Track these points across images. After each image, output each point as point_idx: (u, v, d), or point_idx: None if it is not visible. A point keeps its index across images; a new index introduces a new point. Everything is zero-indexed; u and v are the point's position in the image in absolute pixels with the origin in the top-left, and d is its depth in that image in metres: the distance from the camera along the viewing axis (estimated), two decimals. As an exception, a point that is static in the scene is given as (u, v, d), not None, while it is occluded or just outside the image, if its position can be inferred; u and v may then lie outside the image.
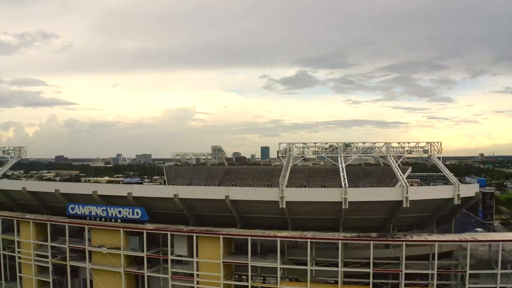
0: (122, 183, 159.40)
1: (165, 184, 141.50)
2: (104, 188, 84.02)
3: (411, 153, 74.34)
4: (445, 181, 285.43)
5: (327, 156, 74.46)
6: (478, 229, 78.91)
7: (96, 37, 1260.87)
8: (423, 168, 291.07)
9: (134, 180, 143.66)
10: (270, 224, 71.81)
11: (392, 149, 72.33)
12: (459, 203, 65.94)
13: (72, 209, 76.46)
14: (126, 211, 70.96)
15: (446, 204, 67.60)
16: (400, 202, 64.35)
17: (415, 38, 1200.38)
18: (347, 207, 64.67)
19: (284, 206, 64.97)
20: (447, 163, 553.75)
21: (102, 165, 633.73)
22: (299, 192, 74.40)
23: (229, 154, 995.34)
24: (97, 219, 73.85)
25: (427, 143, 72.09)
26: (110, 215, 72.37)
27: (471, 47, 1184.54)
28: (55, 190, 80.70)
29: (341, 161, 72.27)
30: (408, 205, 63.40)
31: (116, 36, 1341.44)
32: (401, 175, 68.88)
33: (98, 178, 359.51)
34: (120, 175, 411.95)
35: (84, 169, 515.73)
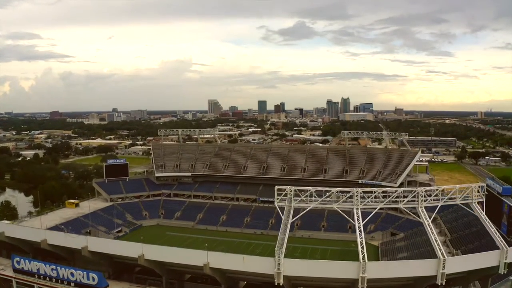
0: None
1: (152, 163, 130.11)
2: (55, 237, 65.71)
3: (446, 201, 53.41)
4: (447, 146, 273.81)
5: (338, 207, 51.70)
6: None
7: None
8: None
9: (118, 161, 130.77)
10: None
11: (422, 198, 51.97)
12: (505, 271, 51.15)
13: (18, 262, 62.37)
14: (79, 274, 57.48)
15: (489, 271, 52.32)
16: (434, 277, 49.32)
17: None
18: (365, 287, 48.63)
19: (282, 282, 50.35)
20: (447, 121, 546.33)
21: (97, 122, 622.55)
22: (301, 265, 53.81)
23: (225, 107, 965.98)
24: (47, 278, 59.72)
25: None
26: (61, 276, 58.86)
27: (473, 1, 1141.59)
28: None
29: (357, 215, 51.54)
30: (444, 282, 49.04)
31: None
32: (436, 241, 50.89)
33: (90, 141, 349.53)
34: (113, 136, 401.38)
35: (78, 127, 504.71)
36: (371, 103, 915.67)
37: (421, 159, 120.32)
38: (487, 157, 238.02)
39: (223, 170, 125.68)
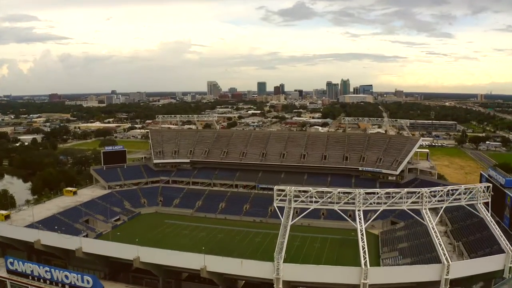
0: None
1: (150, 149, 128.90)
2: (49, 237, 64.53)
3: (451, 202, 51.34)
4: (447, 130, 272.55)
5: (339, 209, 50.64)
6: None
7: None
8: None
9: (116, 148, 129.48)
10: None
11: (427, 199, 50.13)
12: (510, 276, 49.86)
13: (11, 263, 61.50)
14: (74, 277, 56.36)
15: (493, 275, 51.47)
16: (437, 282, 48.58)
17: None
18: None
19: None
20: (447, 103, 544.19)
21: (95, 105, 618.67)
22: (301, 270, 52.26)
23: (225, 89, 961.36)
24: (41, 280, 58.62)
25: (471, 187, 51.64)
26: (55, 278, 57.83)
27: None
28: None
29: (359, 218, 50.16)
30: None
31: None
32: (440, 246, 49.31)
33: (88, 125, 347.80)
34: (111, 120, 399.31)
35: (77, 110, 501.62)
36: (371, 85, 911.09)
37: (421, 143, 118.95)
38: (487, 142, 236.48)
39: (222, 157, 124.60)
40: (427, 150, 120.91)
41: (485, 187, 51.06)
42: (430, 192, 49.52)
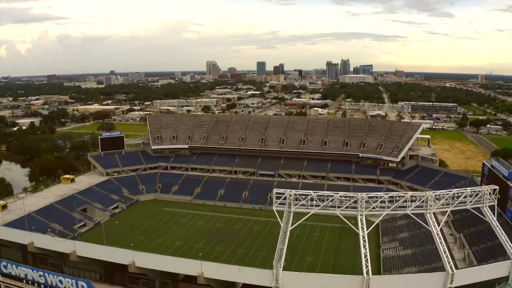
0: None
1: (148, 135, 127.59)
2: (43, 240, 62.57)
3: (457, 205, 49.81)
4: (448, 112, 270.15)
5: (341, 213, 49.05)
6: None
7: None
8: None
9: (114, 134, 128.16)
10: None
11: (432, 203, 48.38)
12: None
13: (5, 267, 60.78)
14: (68, 282, 55.90)
15: (498, 280, 49.51)
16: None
17: None
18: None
19: None
20: (447, 84, 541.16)
21: (94, 86, 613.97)
22: (301, 279, 49.69)
23: (224, 68, 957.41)
24: (35, 284, 58.10)
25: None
26: (49, 282, 57.22)
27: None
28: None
29: (362, 223, 48.84)
30: None
31: None
32: (445, 253, 47.33)
33: (87, 107, 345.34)
34: (110, 101, 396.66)
35: (75, 92, 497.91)
36: (371, 65, 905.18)
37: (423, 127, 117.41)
38: (488, 125, 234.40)
39: (221, 142, 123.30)
40: (428, 136, 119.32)
41: (491, 189, 49.41)
42: (435, 196, 47.96)
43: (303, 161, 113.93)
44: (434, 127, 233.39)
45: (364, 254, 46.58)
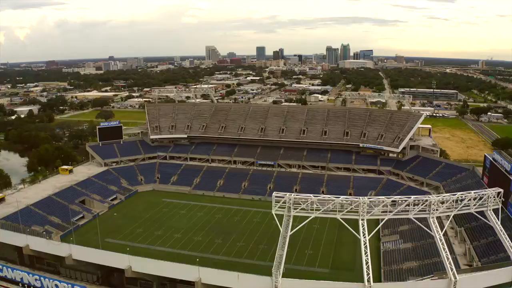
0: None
1: (147, 124, 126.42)
2: (38, 243, 61.06)
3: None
4: (448, 99, 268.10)
5: (342, 218, 47.73)
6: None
7: None
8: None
9: (112, 124, 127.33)
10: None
11: (435, 206, 47.33)
12: None
13: (0, 270, 60.64)
14: (64, 287, 55.53)
15: (501, 286, 48.04)
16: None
17: None
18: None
19: None
20: (447, 70, 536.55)
21: (93, 72, 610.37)
22: (300, 286, 48.14)
23: (223, 53, 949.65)
24: (31, 287, 57.46)
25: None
26: (45, 287, 56.72)
27: None
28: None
29: (363, 228, 47.61)
30: None
31: None
32: (448, 260, 46.17)
33: (85, 94, 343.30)
34: (109, 88, 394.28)
35: (74, 78, 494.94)
36: (371, 50, 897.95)
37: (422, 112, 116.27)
38: (489, 113, 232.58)
39: (220, 132, 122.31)
40: (429, 126, 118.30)
41: (496, 193, 48.23)
42: (438, 200, 46.98)
43: (303, 151, 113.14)
44: (434, 114, 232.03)
45: (366, 261, 45.51)
